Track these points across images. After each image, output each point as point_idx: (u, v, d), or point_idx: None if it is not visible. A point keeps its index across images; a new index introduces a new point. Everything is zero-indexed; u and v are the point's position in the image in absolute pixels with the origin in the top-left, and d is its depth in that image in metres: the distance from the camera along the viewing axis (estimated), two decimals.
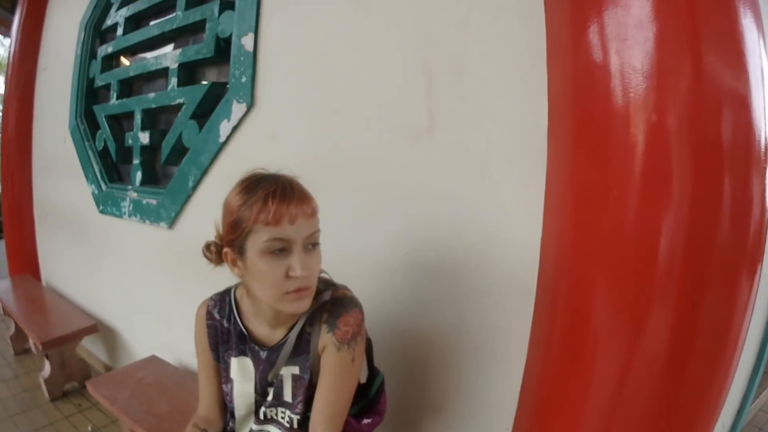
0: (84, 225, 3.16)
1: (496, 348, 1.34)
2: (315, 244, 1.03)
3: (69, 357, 2.92)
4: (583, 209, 1.02)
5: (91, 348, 3.29)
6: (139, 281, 2.64)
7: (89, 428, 2.53)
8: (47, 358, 2.83)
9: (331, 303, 1.11)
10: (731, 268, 0.97)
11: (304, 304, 1.01)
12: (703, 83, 0.97)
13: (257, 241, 0.96)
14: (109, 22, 2.99)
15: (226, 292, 1.22)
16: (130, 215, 2.57)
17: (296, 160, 1.61)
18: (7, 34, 10.25)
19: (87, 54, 3.12)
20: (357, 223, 1.60)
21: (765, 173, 1.03)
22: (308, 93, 1.73)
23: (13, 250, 4.27)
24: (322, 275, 1.15)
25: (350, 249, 1.60)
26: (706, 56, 0.97)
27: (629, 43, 0.99)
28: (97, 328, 2.91)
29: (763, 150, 1.02)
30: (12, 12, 6.64)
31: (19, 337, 3.53)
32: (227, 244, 1.03)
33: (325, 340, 1.08)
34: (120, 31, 2.83)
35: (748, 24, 1.03)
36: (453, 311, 1.41)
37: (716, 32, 0.99)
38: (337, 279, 1.22)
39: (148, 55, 2.68)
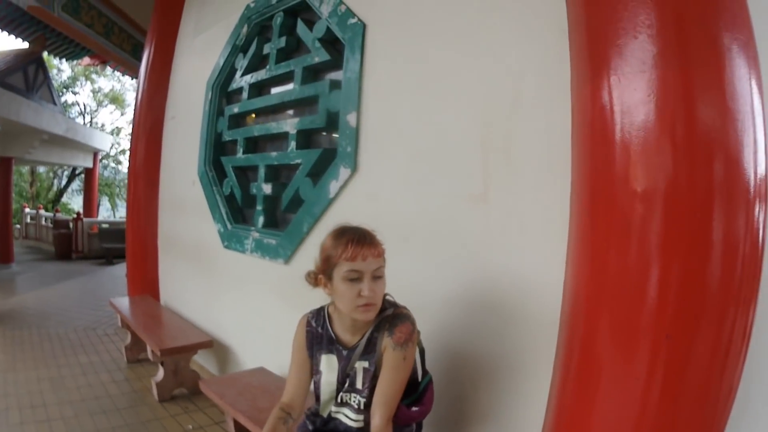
0: (207, 257, 4.17)
1: (528, 370, 1.95)
2: (379, 276, 1.71)
3: (183, 366, 3.81)
4: (593, 262, 1.53)
5: (203, 362, 4.24)
6: (255, 306, 3.52)
7: (189, 427, 3.34)
8: (162, 365, 3.72)
9: (392, 317, 1.78)
10: (717, 306, 1.36)
11: (370, 314, 1.70)
12: (695, 147, 1.37)
13: (341, 271, 1.66)
14: (234, 85, 4.00)
15: (322, 308, 1.92)
16: (252, 251, 3.48)
17: (387, 216, 2.47)
18: (125, 73, 12.03)
19: (215, 111, 4.15)
20: (430, 266, 2.34)
21: (756, 224, 1.41)
22: (398, 164, 2.51)
23: (135, 273, 5.45)
24: (388, 298, 1.84)
25: (423, 286, 2.33)
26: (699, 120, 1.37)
27: (632, 118, 1.43)
28: (212, 343, 3.84)
29: (752, 198, 1.39)
30: (133, 54, 8.11)
31: (133, 347, 4.56)
32: (321, 273, 1.74)
33: (386, 342, 1.74)
34: (245, 95, 3.80)
35: (740, 70, 1.40)
36: (496, 338, 2.08)
37: (707, 85, 1.38)
38: (413, 307, 1.93)
39: (270, 118, 3.61)
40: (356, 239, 1.68)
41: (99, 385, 3.96)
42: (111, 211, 27.50)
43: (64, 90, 24.36)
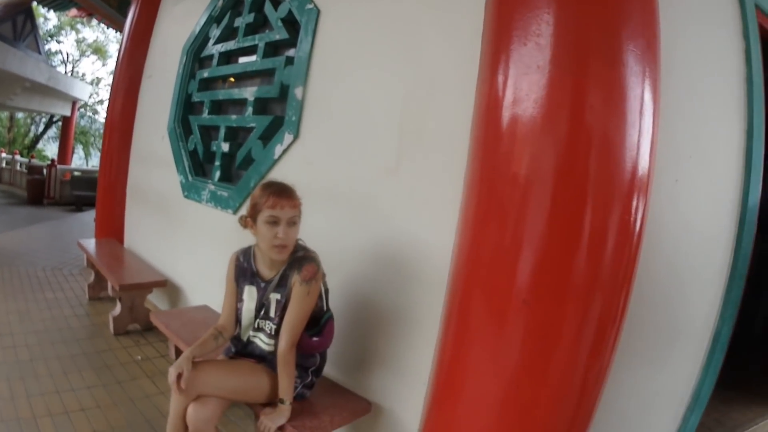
0: (168, 205, 4.59)
1: (420, 321, 2.32)
2: (293, 223, 2.09)
3: (138, 303, 4.20)
4: (474, 234, 1.79)
5: (156, 302, 4.66)
6: (205, 251, 3.94)
7: (139, 357, 3.69)
8: (120, 301, 4.09)
9: (302, 258, 2.15)
10: (581, 283, 1.61)
11: (283, 254, 2.09)
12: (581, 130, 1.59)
13: (263, 216, 2.04)
14: (206, 52, 4.40)
15: (250, 247, 2.29)
16: (207, 201, 3.91)
17: (319, 178, 2.89)
18: (109, 26, 12.08)
19: (188, 74, 4.55)
20: (350, 224, 2.78)
21: (632, 218, 1.63)
22: (332, 134, 2.94)
23: (102, 218, 5.86)
24: (301, 243, 2.21)
25: (343, 240, 2.78)
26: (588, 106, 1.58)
27: (524, 105, 1.63)
28: (165, 283, 4.28)
29: (629, 193, 1.61)
30: (118, 9, 8.34)
31: (96, 285, 4.95)
32: (249, 216, 2.11)
33: (294, 278, 2.10)
34: (215, 62, 4.22)
35: (633, 76, 1.59)
36: (396, 291, 2.46)
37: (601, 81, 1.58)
38: (333, 256, 2.37)
39: (234, 84, 4.03)
40: (277, 191, 2.08)
41: (61, 318, 4.32)
42: (84, 160, 27.24)
43: (49, 38, 24.11)
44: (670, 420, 2.75)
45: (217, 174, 3.91)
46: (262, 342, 2.25)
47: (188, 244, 4.23)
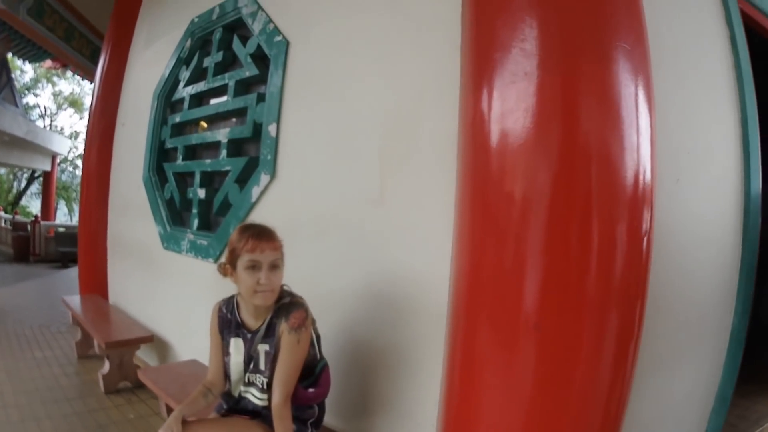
0: (150, 257, 4.38)
1: (422, 360, 2.18)
2: (276, 266, 1.94)
3: (126, 361, 4.01)
4: (473, 260, 1.70)
5: (145, 358, 4.43)
6: (189, 303, 3.74)
7: (132, 416, 3.53)
8: (108, 359, 3.91)
9: (288, 304, 1.99)
10: (591, 302, 1.50)
11: (267, 300, 1.93)
12: (575, 147, 1.49)
13: (243, 261, 1.89)
14: (177, 96, 4.24)
15: (232, 296, 2.13)
16: (187, 252, 3.71)
17: (300, 218, 2.74)
18: (84, 77, 12.06)
19: (159, 120, 4.38)
20: (336, 263, 2.61)
21: (640, 227, 1.54)
22: (311, 170, 2.77)
23: (85, 273, 5.64)
24: (286, 288, 2.06)
25: (331, 281, 2.60)
26: (582, 120, 1.49)
27: (514, 116, 1.54)
28: (152, 338, 4.06)
29: (633, 204, 1.52)
30: (91, 59, 8.25)
31: (83, 343, 4.75)
32: (228, 263, 1.96)
33: (282, 327, 1.95)
34: (186, 105, 4.05)
35: (624, 78, 1.52)
36: (393, 330, 2.32)
37: (593, 93, 1.50)
38: (321, 300, 2.20)
39: (207, 127, 3.87)
40: (256, 234, 1.94)
41: (51, 377, 4.15)
42: (68, 216, 27.13)
43: (26, 91, 24.13)
44: (695, 423, 2.68)
45: (195, 222, 3.73)
46: (255, 397, 2.09)
47: (172, 297, 4.03)
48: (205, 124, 3.95)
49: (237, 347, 2.09)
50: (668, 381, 2.38)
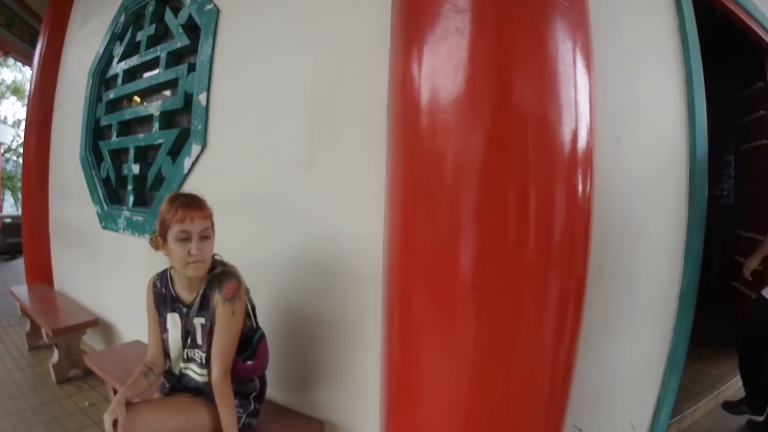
0: (90, 239, 4.26)
1: (359, 326, 2.16)
2: (206, 236, 1.90)
3: (74, 347, 3.92)
4: (405, 224, 1.63)
5: (92, 343, 4.34)
6: (130, 282, 3.63)
7: (86, 403, 3.47)
8: (56, 347, 3.83)
9: (221, 274, 1.95)
10: (529, 264, 1.46)
11: (199, 271, 1.89)
12: (511, 107, 1.42)
13: (173, 232, 1.85)
14: (111, 72, 4.11)
15: (165, 270, 2.09)
16: (124, 229, 3.62)
17: (232, 187, 2.69)
18: (25, 64, 11.69)
19: (95, 98, 4.25)
20: (269, 231, 2.56)
21: (576, 185, 1.50)
22: (241, 138, 2.72)
23: (31, 262, 5.51)
24: (217, 258, 2.02)
25: (264, 250, 2.56)
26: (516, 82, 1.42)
27: (445, 72, 1.47)
28: (97, 322, 3.97)
29: (572, 168, 1.48)
30: (32, 46, 7.98)
31: (33, 334, 4.63)
32: (159, 235, 1.92)
33: (216, 298, 1.91)
34: (120, 81, 3.93)
35: (562, 36, 1.47)
36: (329, 297, 2.29)
37: (527, 57, 1.43)
38: (254, 269, 2.16)
39: (140, 101, 3.76)
40: (185, 203, 1.88)
41: (4, 372, 4.05)
42: (15, 206, 26.27)
43: None
44: (649, 386, 2.68)
45: (131, 199, 3.63)
46: (195, 373, 2.04)
47: (112, 278, 3.94)
48: (138, 99, 3.84)
49: (174, 322, 2.04)
50: (618, 344, 2.39)
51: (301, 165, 2.39)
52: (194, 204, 1.90)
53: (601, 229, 1.92)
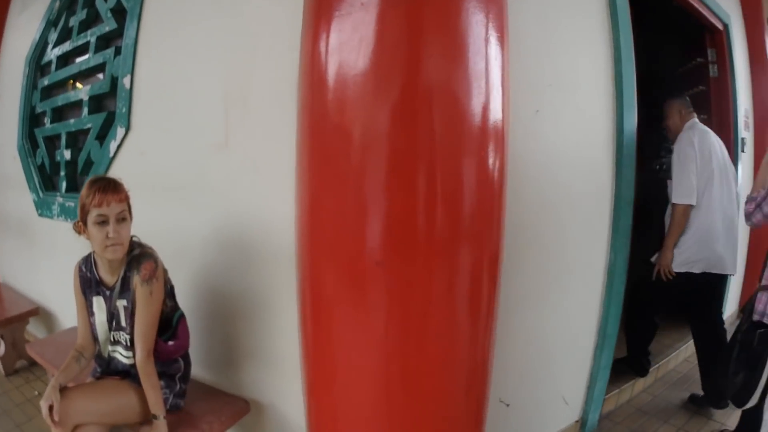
0: (28, 228, 4.23)
1: (277, 304, 2.18)
2: (123, 219, 1.93)
3: (18, 338, 3.91)
4: (314, 201, 1.63)
5: (37, 333, 4.30)
6: (66, 269, 3.60)
7: (35, 393, 3.48)
8: (2, 339, 3.81)
9: (138, 256, 1.99)
10: (437, 240, 1.46)
11: (117, 253, 1.92)
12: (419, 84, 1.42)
13: (91, 216, 1.87)
14: (46, 59, 4.06)
15: (90, 254, 2.09)
16: (58, 216, 3.60)
17: (154, 169, 2.69)
18: None
19: (30, 85, 4.20)
20: (189, 211, 2.58)
21: (486, 159, 1.50)
22: (163, 120, 2.72)
23: None
24: (136, 240, 2.07)
25: (184, 230, 2.58)
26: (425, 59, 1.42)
27: (349, 47, 1.45)
28: (38, 311, 3.97)
29: (482, 145, 1.48)
30: None
31: None
32: (80, 220, 1.93)
33: (135, 280, 1.95)
34: (53, 67, 3.89)
35: (475, 29, 1.46)
36: (247, 276, 2.32)
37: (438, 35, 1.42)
38: (176, 250, 2.18)
39: (72, 87, 3.74)
40: (101, 187, 1.90)
41: None
42: None
43: None
44: (579, 361, 2.72)
45: (64, 184, 3.61)
46: (121, 355, 2.08)
47: (50, 265, 3.91)
48: (79, 84, 3.81)
49: (99, 306, 2.07)
50: (545, 319, 2.42)
51: (216, 145, 2.40)
52: (110, 187, 1.92)
53: (520, 202, 1.97)
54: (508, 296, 1.74)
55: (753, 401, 2.30)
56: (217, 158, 2.41)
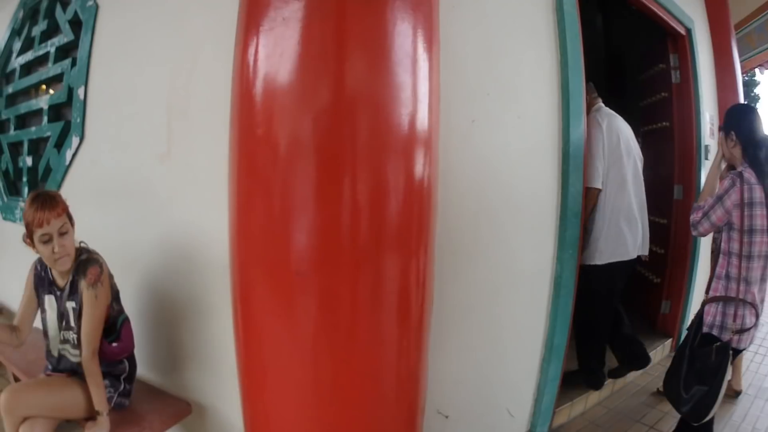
0: None
1: (216, 310, 2.21)
2: (65, 232, 2.04)
3: None
4: (242, 212, 1.63)
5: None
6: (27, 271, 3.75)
7: None
8: None
9: (85, 261, 2.12)
10: (360, 248, 1.47)
11: (66, 264, 2.06)
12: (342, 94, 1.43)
13: (36, 236, 1.99)
14: (10, 67, 4.19)
15: None
16: (20, 220, 3.69)
17: (105, 178, 2.80)
18: None
19: None
20: (135, 220, 2.71)
21: (413, 168, 1.51)
22: (113, 130, 2.86)
23: None
24: (83, 245, 2.19)
25: (132, 238, 2.70)
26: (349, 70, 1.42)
27: (272, 61, 1.47)
28: (1, 311, 4.11)
29: (408, 153, 1.49)
30: None
31: None
32: (28, 237, 2.04)
33: (82, 284, 2.07)
34: (17, 75, 4.01)
35: (398, 40, 1.46)
36: (188, 283, 2.41)
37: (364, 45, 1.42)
38: (125, 258, 2.30)
39: (34, 95, 3.86)
40: (39, 206, 2.00)
41: None
42: None
43: None
44: (525, 373, 2.69)
45: (26, 190, 3.74)
46: (70, 354, 2.20)
47: (14, 267, 3.98)
48: (49, 89, 3.92)
49: (51, 305, 2.20)
50: (485, 331, 2.38)
51: (160, 155, 2.51)
52: (47, 205, 2.02)
53: (455, 212, 2.02)
54: (445, 305, 1.78)
55: (711, 414, 2.23)
56: (161, 168, 2.53)
